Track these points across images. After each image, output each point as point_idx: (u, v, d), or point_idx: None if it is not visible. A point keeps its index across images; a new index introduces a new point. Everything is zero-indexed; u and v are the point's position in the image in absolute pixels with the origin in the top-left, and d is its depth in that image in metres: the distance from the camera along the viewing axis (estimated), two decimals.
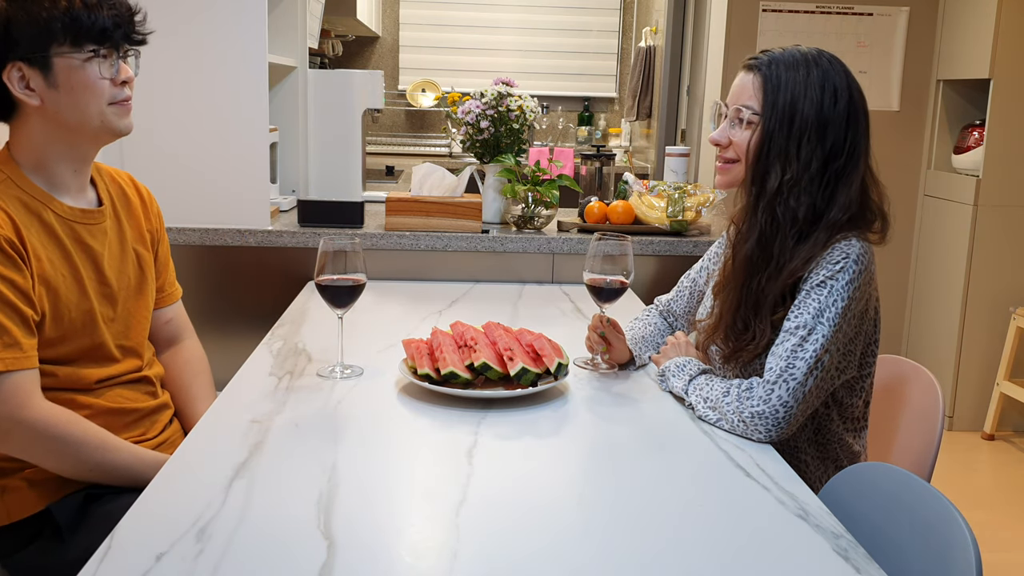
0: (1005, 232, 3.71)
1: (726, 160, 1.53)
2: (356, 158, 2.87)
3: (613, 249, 1.61)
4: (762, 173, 1.46)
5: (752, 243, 1.47)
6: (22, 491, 1.42)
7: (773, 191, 1.45)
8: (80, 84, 1.42)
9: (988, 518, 3.07)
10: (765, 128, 1.45)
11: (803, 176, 1.43)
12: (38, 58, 1.39)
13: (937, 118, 3.94)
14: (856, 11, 3.87)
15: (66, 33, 1.39)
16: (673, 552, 1.03)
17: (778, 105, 1.44)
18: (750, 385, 1.40)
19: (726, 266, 1.54)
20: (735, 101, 1.50)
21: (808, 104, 1.43)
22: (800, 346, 1.38)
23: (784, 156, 1.44)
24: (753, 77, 1.48)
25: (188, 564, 0.96)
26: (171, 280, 1.76)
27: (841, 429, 1.52)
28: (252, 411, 1.41)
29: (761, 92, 1.46)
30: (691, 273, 1.82)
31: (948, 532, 1.08)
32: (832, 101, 1.44)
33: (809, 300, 1.40)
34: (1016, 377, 3.70)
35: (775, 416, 1.36)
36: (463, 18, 5.55)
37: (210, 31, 2.31)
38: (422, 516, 1.10)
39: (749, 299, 1.48)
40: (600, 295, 1.63)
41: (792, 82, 1.44)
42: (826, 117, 1.43)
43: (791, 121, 1.43)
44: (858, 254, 1.41)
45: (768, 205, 1.45)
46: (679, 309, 1.83)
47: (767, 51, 1.50)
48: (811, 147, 1.43)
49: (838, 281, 1.39)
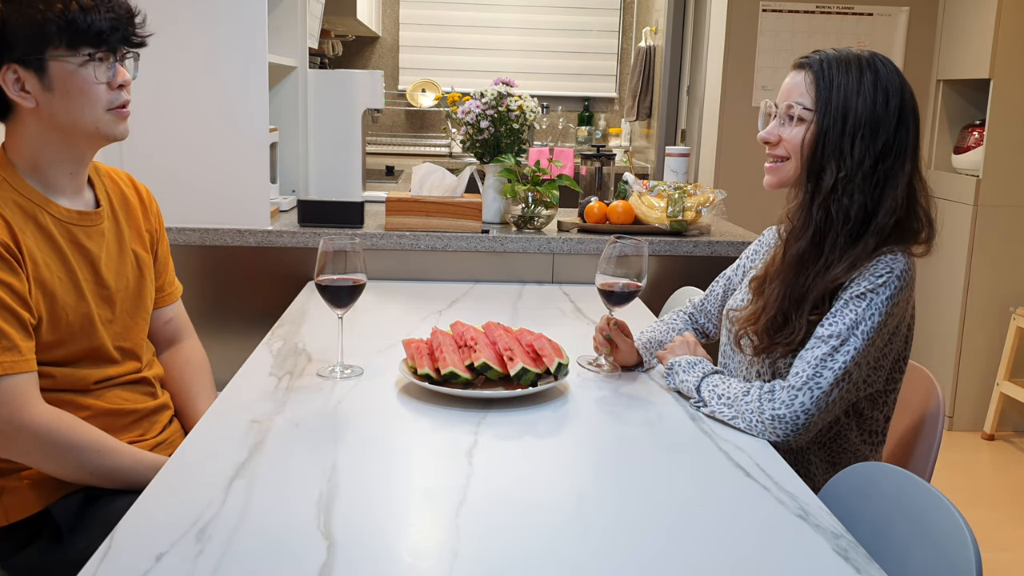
0: (1005, 232, 3.71)
1: (776, 158, 1.51)
2: (356, 158, 2.87)
3: (629, 250, 1.61)
4: (817, 170, 1.45)
5: (806, 240, 1.46)
6: (21, 492, 1.42)
7: (828, 188, 1.43)
8: (76, 88, 1.40)
9: (988, 518, 3.07)
10: (820, 124, 1.44)
11: (857, 174, 1.42)
12: (33, 60, 1.37)
13: (937, 118, 3.94)
14: (856, 11, 3.87)
15: (61, 36, 1.37)
16: (673, 552, 1.03)
17: (832, 102, 1.43)
18: (772, 388, 1.40)
19: (774, 260, 1.52)
20: (786, 99, 1.49)
21: (861, 102, 1.42)
22: (831, 356, 1.37)
23: (839, 153, 1.43)
24: (805, 74, 1.47)
25: (188, 564, 0.96)
26: (171, 279, 1.75)
27: (858, 441, 1.52)
28: (252, 411, 1.41)
29: (814, 88, 1.45)
30: (727, 272, 1.80)
31: (948, 532, 1.08)
32: (884, 101, 1.43)
33: (847, 310, 1.39)
34: (1016, 377, 3.70)
35: (795, 422, 1.36)
36: (463, 18, 5.55)
37: (210, 31, 2.31)
38: (422, 516, 1.10)
39: (794, 294, 1.47)
40: (610, 298, 1.63)
41: (845, 80, 1.43)
42: (878, 116, 1.42)
43: (844, 118, 1.42)
44: (902, 270, 1.40)
45: (823, 202, 1.44)
46: (713, 308, 1.80)
47: (818, 51, 1.49)
48: (864, 145, 1.42)
49: (878, 295, 1.39)
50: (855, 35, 3.89)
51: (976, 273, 3.73)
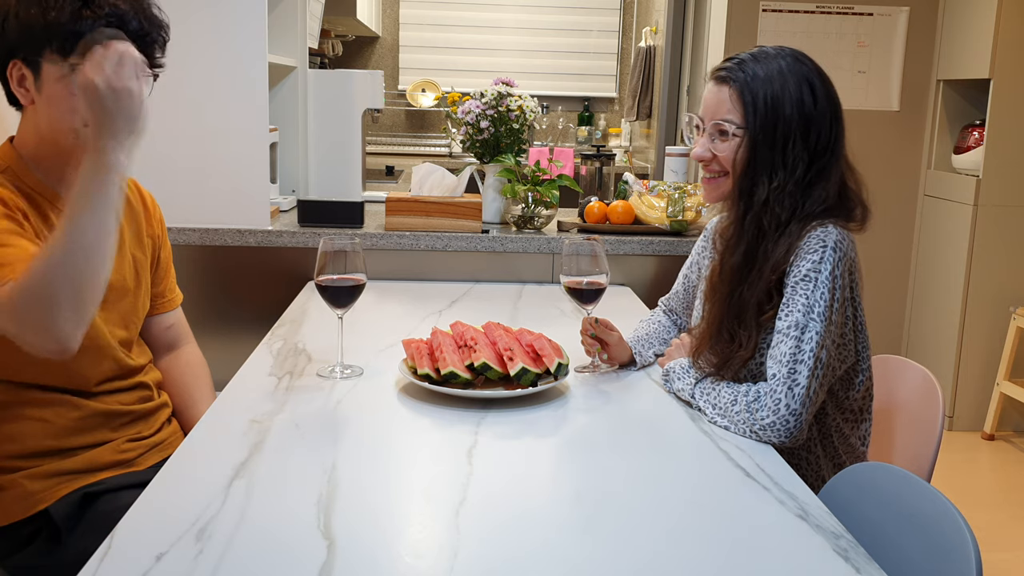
0: (1005, 232, 3.71)
1: (713, 174, 1.49)
2: (356, 158, 2.87)
3: (584, 249, 1.61)
4: (749, 186, 1.44)
5: (739, 255, 1.45)
6: (19, 492, 1.42)
7: (761, 202, 1.43)
8: (57, 95, 1.37)
9: (988, 518, 3.07)
10: (750, 139, 1.42)
11: (789, 182, 1.42)
12: (31, 60, 1.37)
13: (937, 118, 3.94)
14: (856, 11, 3.87)
15: (54, 40, 1.35)
16: (673, 552, 1.03)
17: (759, 113, 1.41)
18: (757, 394, 1.39)
19: (712, 276, 1.53)
20: (713, 115, 1.46)
21: (789, 105, 1.41)
22: (798, 347, 1.37)
23: (771, 166, 1.42)
24: (728, 89, 1.44)
25: (188, 564, 0.96)
26: (171, 286, 1.75)
27: (840, 420, 1.51)
28: (252, 411, 1.41)
29: (740, 103, 1.43)
30: (683, 269, 1.82)
31: (948, 532, 1.08)
32: (811, 97, 1.42)
33: (797, 296, 1.39)
34: (1016, 377, 3.70)
35: (786, 425, 1.36)
36: (463, 18, 5.55)
37: (210, 31, 2.31)
38: (422, 516, 1.10)
39: (732, 310, 1.46)
40: (581, 296, 1.63)
41: (768, 85, 1.41)
42: (808, 115, 1.41)
43: (774, 127, 1.41)
44: (835, 241, 1.39)
45: (755, 216, 1.43)
46: (678, 306, 1.84)
47: (733, 57, 1.46)
48: (796, 151, 1.41)
49: (821, 273, 1.38)
50: (855, 35, 3.89)
51: (976, 273, 3.73)
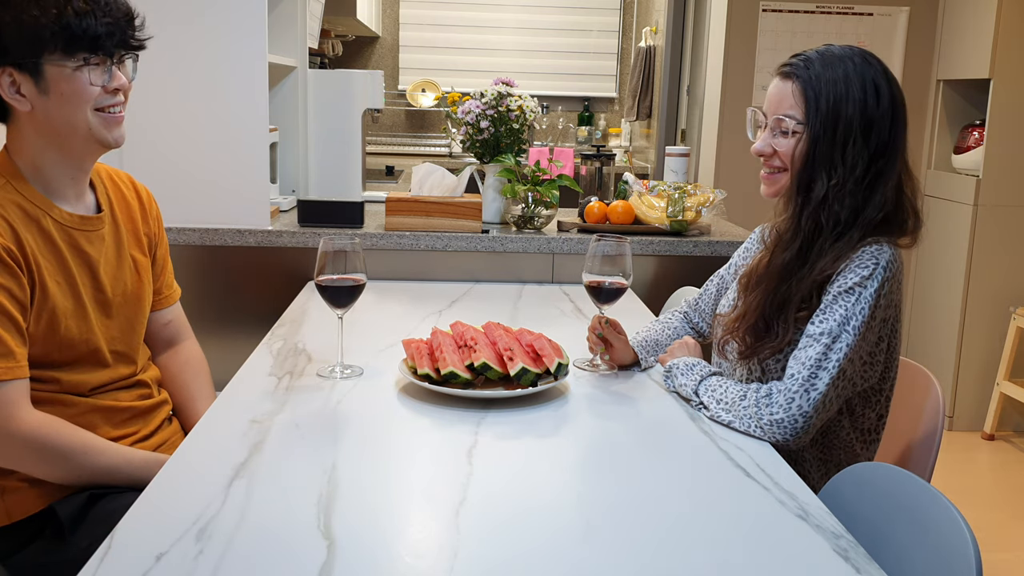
0: (1005, 232, 3.71)
1: (773, 169, 1.50)
2: (356, 158, 2.87)
3: (611, 249, 1.61)
4: (807, 182, 1.43)
5: (793, 251, 1.45)
6: (23, 491, 1.42)
7: (819, 198, 1.42)
8: (70, 91, 1.39)
9: (988, 518, 3.07)
10: (811, 136, 1.42)
11: (848, 180, 1.41)
12: (29, 64, 1.36)
13: (937, 118, 3.94)
14: (856, 11, 3.87)
15: (57, 41, 1.36)
16: (672, 552, 1.03)
17: (821, 111, 1.41)
18: (769, 391, 1.39)
19: (759, 265, 1.52)
20: (775, 110, 1.46)
21: (851, 105, 1.40)
22: (824, 355, 1.36)
23: (830, 163, 1.41)
24: (792, 85, 1.44)
25: (188, 564, 0.96)
26: (169, 282, 1.75)
27: (852, 438, 1.51)
28: (252, 411, 1.41)
29: (802, 100, 1.43)
30: (720, 271, 1.80)
31: (948, 532, 1.08)
32: (875, 99, 1.41)
33: (836, 306, 1.38)
34: (1016, 377, 3.70)
35: (794, 425, 1.36)
36: (463, 18, 5.55)
37: (210, 31, 2.31)
38: (422, 516, 1.10)
39: (776, 301, 1.46)
40: (599, 296, 1.63)
41: (832, 84, 1.41)
42: (870, 116, 1.41)
43: (835, 126, 1.40)
44: (887, 261, 1.39)
45: (813, 212, 1.43)
46: (707, 307, 1.80)
47: (800, 54, 1.46)
48: (856, 150, 1.40)
49: (867, 289, 1.37)
50: (855, 35, 3.88)
51: (976, 273, 3.73)
